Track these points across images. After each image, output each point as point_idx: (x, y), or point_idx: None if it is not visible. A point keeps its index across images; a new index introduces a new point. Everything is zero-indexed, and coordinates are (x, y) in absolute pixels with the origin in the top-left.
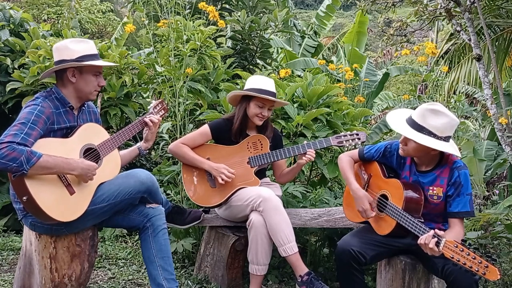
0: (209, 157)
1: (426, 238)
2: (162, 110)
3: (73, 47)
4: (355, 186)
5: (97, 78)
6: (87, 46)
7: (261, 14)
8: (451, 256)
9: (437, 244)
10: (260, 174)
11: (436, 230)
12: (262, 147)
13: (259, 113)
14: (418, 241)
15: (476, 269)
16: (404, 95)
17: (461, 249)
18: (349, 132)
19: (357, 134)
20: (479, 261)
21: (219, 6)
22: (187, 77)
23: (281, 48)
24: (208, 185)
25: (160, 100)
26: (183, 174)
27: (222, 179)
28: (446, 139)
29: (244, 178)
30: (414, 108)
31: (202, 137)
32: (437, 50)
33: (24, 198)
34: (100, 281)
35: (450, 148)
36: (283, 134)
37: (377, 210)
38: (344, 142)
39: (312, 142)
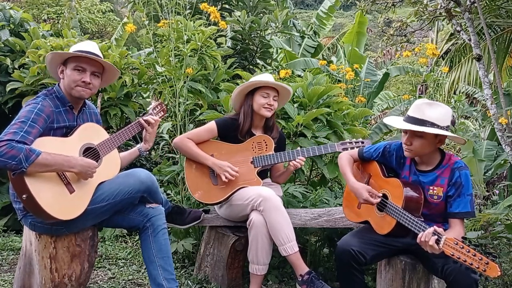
0: (213, 154)
1: (426, 236)
2: (161, 112)
3: (72, 47)
4: (352, 181)
5: (80, 73)
6: (84, 44)
7: (261, 15)
8: (452, 253)
9: (437, 241)
10: (262, 174)
11: (436, 228)
12: (267, 147)
13: (265, 103)
14: (418, 239)
15: (477, 266)
16: (404, 95)
17: (461, 246)
18: (354, 139)
19: (363, 142)
20: (479, 258)
21: (219, 6)
22: (187, 77)
23: (280, 48)
24: (210, 182)
25: (159, 102)
26: (186, 169)
27: (226, 177)
28: (447, 128)
29: (247, 177)
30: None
31: (207, 133)
32: (438, 51)
33: (24, 196)
34: (100, 281)
35: (455, 135)
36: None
37: (376, 209)
38: (349, 149)
39: (317, 147)
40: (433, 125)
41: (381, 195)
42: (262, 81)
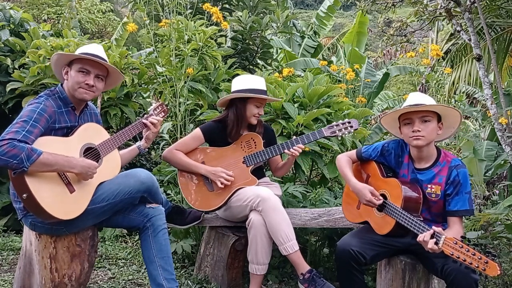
0: (204, 160)
1: (426, 236)
2: (162, 112)
3: (79, 49)
4: (353, 181)
5: (84, 75)
6: (90, 47)
7: (262, 14)
8: (451, 253)
9: (437, 241)
10: (259, 173)
11: (435, 228)
12: (255, 145)
13: (256, 113)
14: (418, 239)
15: (476, 265)
16: (405, 95)
17: (461, 246)
18: (341, 121)
19: (349, 122)
20: (479, 257)
21: (219, 6)
22: (188, 77)
23: (280, 49)
24: (206, 189)
25: (160, 103)
26: (180, 180)
27: (222, 183)
28: None
29: (241, 178)
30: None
31: (194, 141)
32: (441, 53)
33: (24, 195)
34: (100, 281)
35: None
36: (284, 134)
37: (376, 210)
38: (337, 131)
39: (306, 135)
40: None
41: (381, 198)
42: (263, 96)
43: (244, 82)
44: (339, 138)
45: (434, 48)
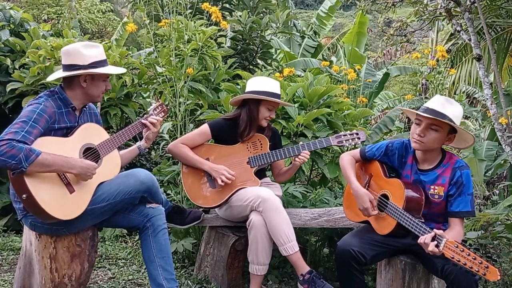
0: (209, 157)
1: (426, 238)
2: (162, 112)
3: (85, 53)
4: (356, 185)
5: (105, 82)
6: (98, 52)
7: (262, 14)
8: (452, 256)
9: (438, 244)
10: (260, 174)
11: (437, 230)
12: (261, 147)
13: (268, 116)
14: (419, 241)
15: (476, 270)
16: (407, 95)
17: (462, 249)
18: (349, 132)
19: (357, 134)
20: (480, 262)
21: (219, 6)
22: (188, 77)
23: (278, 49)
24: (208, 186)
25: (160, 103)
26: (183, 175)
27: (222, 181)
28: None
29: (244, 178)
30: (418, 108)
31: (201, 137)
32: (446, 54)
33: (24, 196)
34: (100, 281)
35: (470, 133)
36: (284, 134)
37: (377, 209)
38: (344, 141)
39: (312, 142)
40: (450, 121)
41: (377, 211)
42: (276, 100)
43: (259, 83)
44: (345, 148)
45: (440, 49)
